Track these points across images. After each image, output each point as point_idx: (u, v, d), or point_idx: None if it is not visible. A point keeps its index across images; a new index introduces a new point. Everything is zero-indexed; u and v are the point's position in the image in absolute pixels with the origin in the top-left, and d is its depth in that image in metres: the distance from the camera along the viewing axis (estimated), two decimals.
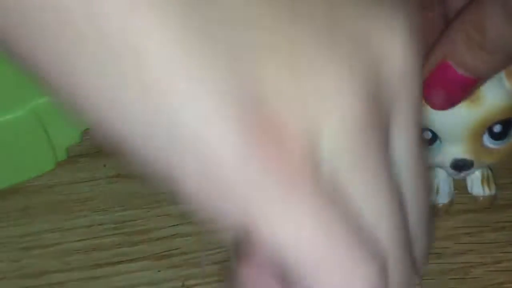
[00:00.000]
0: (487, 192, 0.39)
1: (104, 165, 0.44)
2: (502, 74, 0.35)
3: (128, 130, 0.17)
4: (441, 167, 0.38)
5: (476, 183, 0.39)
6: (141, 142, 0.17)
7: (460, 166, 0.37)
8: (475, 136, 0.36)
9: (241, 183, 0.16)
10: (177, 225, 0.40)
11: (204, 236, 0.39)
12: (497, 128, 0.36)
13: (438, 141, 0.37)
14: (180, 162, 0.16)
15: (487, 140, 0.36)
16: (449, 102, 0.35)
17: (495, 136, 0.36)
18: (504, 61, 0.34)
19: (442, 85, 0.35)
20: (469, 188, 0.40)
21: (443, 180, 0.39)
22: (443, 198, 0.39)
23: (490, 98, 0.35)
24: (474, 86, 0.35)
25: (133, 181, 0.43)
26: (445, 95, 0.35)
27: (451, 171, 0.37)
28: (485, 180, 0.39)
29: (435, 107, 0.35)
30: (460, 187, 0.40)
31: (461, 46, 0.34)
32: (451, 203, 0.40)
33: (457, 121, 0.36)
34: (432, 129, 0.37)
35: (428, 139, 0.37)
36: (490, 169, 0.40)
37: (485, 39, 0.33)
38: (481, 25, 0.33)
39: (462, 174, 0.38)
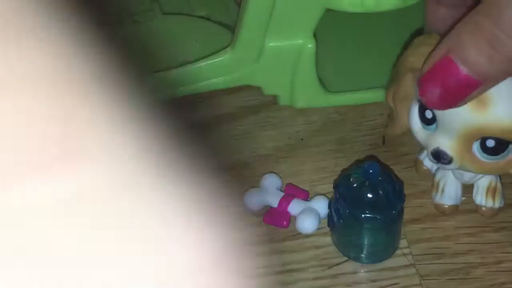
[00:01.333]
0: (489, 204, 0.39)
1: None
2: None
3: None
4: (425, 149, 0.38)
5: (481, 192, 0.39)
6: None
7: (438, 156, 0.36)
8: (466, 139, 0.35)
9: None
10: None
11: None
12: (490, 143, 0.35)
13: (435, 125, 0.36)
14: None
15: (476, 149, 0.35)
16: (445, 103, 0.32)
17: (485, 150, 0.35)
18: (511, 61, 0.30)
19: (441, 82, 0.32)
20: (473, 196, 0.39)
21: (450, 182, 0.39)
22: (447, 199, 0.39)
23: (497, 111, 0.33)
24: (476, 89, 0.31)
25: None
26: (442, 94, 0.32)
27: (430, 158, 0.37)
28: (490, 190, 0.39)
29: (429, 105, 0.33)
30: (468, 191, 0.40)
31: (467, 39, 0.30)
32: (456, 207, 0.40)
33: (454, 117, 0.34)
34: (434, 113, 0.35)
35: (428, 118, 0.36)
36: (501, 182, 0.39)
37: (499, 28, 0.29)
38: (495, 14, 0.29)
39: (444, 166, 0.36)
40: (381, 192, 0.36)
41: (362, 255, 0.37)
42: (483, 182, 0.39)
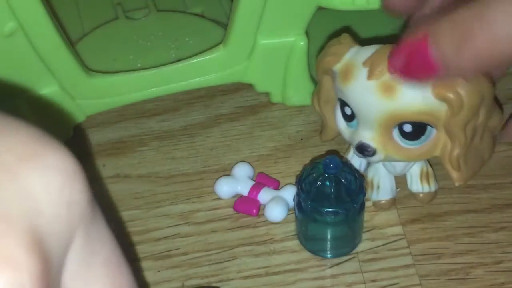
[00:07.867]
0: (426, 189, 0.40)
1: (104, 165, 0.44)
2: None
3: None
4: (351, 144, 0.38)
5: (415, 180, 0.40)
6: None
7: (362, 149, 0.37)
8: (385, 128, 0.36)
9: None
10: (177, 225, 0.40)
11: (204, 236, 0.39)
12: (407, 128, 0.36)
13: (355, 121, 0.37)
14: None
15: (396, 136, 0.36)
16: (405, 74, 0.33)
17: (405, 135, 0.36)
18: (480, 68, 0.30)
19: (408, 54, 0.32)
20: (408, 185, 0.40)
21: (383, 177, 0.40)
22: (384, 194, 0.40)
23: (405, 96, 0.34)
24: (435, 75, 0.31)
25: (133, 181, 0.43)
26: (405, 64, 0.32)
27: (356, 152, 0.37)
28: (424, 176, 0.40)
29: (390, 70, 0.34)
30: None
31: (447, 26, 0.30)
32: (393, 200, 0.40)
33: (369, 108, 0.35)
34: (351, 108, 0.37)
35: (348, 115, 0.37)
36: (431, 166, 0.40)
37: (480, 27, 0.29)
38: (483, 12, 0.29)
39: (370, 159, 0.37)
40: (342, 186, 0.36)
41: (326, 249, 0.38)
42: (415, 170, 0.40)
